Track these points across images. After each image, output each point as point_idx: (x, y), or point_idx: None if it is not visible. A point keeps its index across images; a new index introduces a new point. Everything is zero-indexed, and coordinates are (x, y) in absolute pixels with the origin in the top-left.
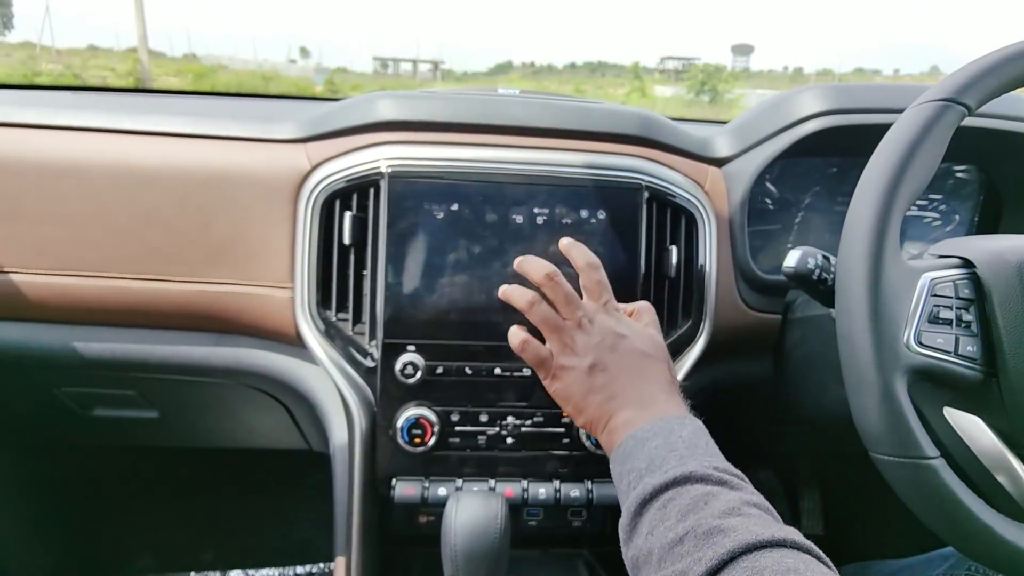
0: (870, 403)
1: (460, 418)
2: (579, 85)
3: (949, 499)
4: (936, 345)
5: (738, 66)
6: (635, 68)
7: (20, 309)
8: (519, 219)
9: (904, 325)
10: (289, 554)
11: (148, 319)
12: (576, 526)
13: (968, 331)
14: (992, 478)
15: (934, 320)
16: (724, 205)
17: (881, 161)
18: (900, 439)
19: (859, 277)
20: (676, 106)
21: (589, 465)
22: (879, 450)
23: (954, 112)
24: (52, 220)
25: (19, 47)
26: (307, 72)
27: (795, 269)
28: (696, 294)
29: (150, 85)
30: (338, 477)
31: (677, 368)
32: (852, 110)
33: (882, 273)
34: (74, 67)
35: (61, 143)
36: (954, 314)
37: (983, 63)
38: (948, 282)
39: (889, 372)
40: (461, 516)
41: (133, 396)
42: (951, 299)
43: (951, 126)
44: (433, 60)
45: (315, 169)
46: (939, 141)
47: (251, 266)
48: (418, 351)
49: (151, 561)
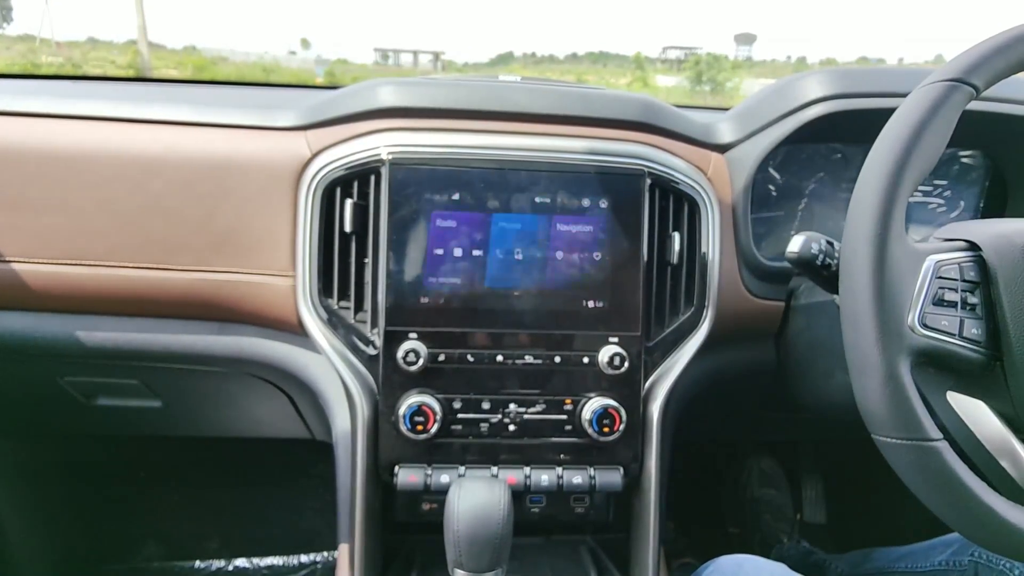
0: (873, 384)
1: (462, 405)
2: (581, 75)
3: (952, 481)
4: (941, 327)
5: (741, 55)
6: (637, 58)
7: (23, 298)
8: (521, 205)
9: (908, 307)
10: (293, 543)
11: (151, 308)
12: (579, 512)
13: (973, 314)
14: (996, 463)
15: (939, 302)
16: (727, 191)
17: (887, 141)
18: (903, 421)
19: (864, 258)
20: (678, 95)
21: (591, 452)
22: (882, 432)
23: (962, 92)
24: (56, 209)
25: (19, 40)
26: (307, 64)
27: (799, 254)
28: (699, 281)
29: (149, 75)
30: (341, 465)
31: (679, 357)
32: (856, 94)
33: (887, 254)
34: (74, 59)
35: (65, 132)
36: (959, 296)
37: (991, 44)
38: (953, 264)
39: (893, 353)
40: (464, 502)
41: (136, 385)
42: (956, 281)
43: (959, 106)
44: (434, 51)
45: (316, 156)
46: (947, 122)
47: (253, 254)
48: (420, 339)
49: (156, 550)
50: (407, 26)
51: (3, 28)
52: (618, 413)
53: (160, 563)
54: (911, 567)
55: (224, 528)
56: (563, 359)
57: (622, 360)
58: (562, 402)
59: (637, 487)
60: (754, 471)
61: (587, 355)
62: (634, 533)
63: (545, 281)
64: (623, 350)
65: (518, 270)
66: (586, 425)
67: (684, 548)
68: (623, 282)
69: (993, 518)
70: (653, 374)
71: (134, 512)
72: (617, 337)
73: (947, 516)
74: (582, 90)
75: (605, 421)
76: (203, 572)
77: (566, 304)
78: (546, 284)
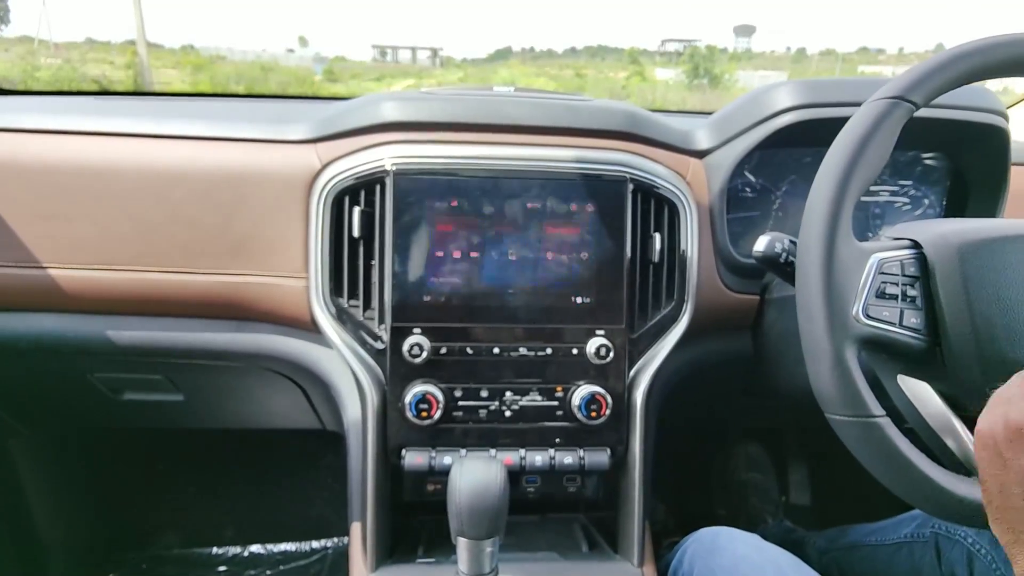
0: (823, 368)
1: (463, 394)
2: (579, 70)
3: (893, 453)
4: (882, 317)
5: (740, 47)
6: (631, 52)
7: (58, 301)
8: (514, 210)
9: (854, 299)
10: (305, 530)
11: (175, 308)
12: (571, 491)
13: (913, 305)
14: (940, 439)
15: (881, 295)
16: (705, 194)
17: (835, 154)
18: (849, 400)
19: (815, 256)
20: (678, 89)
21: (581, 435)
22: (832, 411)
23: (902, 109)
24: (87, 219)
25: (17, 42)
26: (306, 62)
27: (763, 253)
28: (679, 277)
29: (149, 77)
30: (352, 450)
31: (661, 347)
32: (821, 104)
33: (835, 253)
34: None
35: (95, 148)
36: (900, 290)
37: (929, 63)
38: (895, 261)
39: (840, 340)
40: (465, 479)
41: (160, 380)
42: (898, 276)
43: (899, 121)
44: (432, 47)
45: (325, 168)
46: (888, 135)
47: (268, 258)
48: (423, 333)
49: (175, 537)
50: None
51: (1, 30)
52: (605, 399)
53: (179, 550)
54: (881, 540)
55: (239, 516)
56: (554, 350)
57: (608, 351)
58: (554, 390)
59: (623, 467)
60: (741, 456)
61: (576, 346)
62: (622, 509)
63: (537, 279)
64: (609, 341)
65: (512, 270)
66: (576, 410)
67: (674, 528)
68: (608, 279)
69: (930, 485)
70: (637, 363)
71: (154, 502)
72: (603, 330)
73: (891, 485)
74: (570, 102)
75: (593, 406)
76: (220, 558)
77: (556, 300)
78: (538, 282)
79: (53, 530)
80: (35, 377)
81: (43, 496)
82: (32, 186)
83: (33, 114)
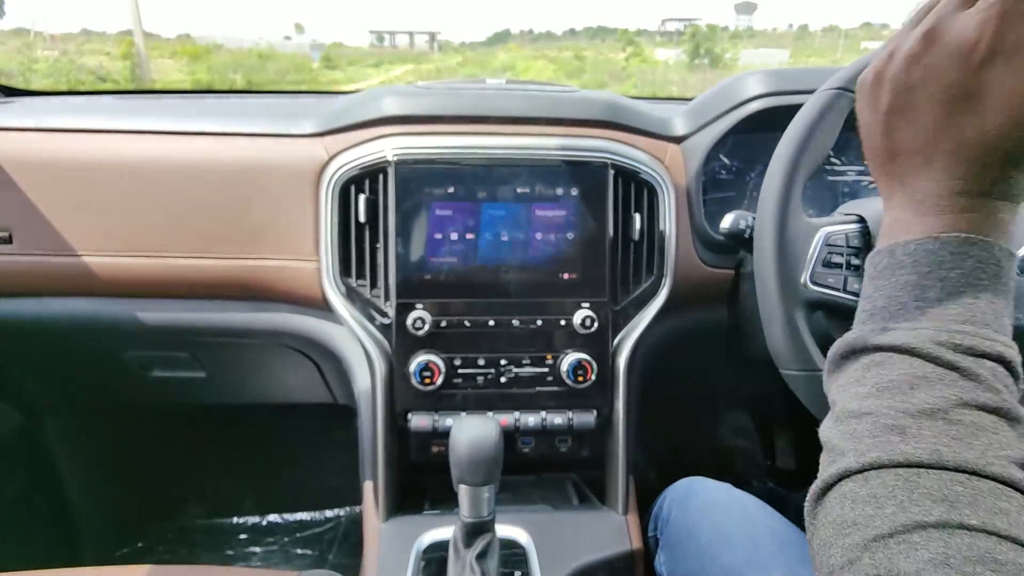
0: (777, 329)
1: (462, 363)
2: (579, 51)
3: None
4: (827, 283)
5: (741, 24)
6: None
7: (92, 286)
8: (506, 195)
9: (803, 268)
10: (319, 500)
11: (199, 291)
12: (563, 451)
13: (856, 273)
14: None
15: (827, 264)
16: (682, 177)
17: (786, 140)
18: (798, 355)
19: (768, 231)
20: (679, 69)
21: (569, 398)
22: (785, 366)
23: (845, 99)
24: (117, 210)
25: (13, 35)
26: (303, 48)
27: (729, 229)
28: (658, 254)
29: (147, 67)
30: (363, 416)
31: (642, 318)
32: (786, 92)
33: (786, 227)
34: (70, 52)
35: (124, 145)
36: (844, 259)
37: (869, 57)
38: (841, 234)
39: (790, 304)
40: (463, 433)
41: (186, 358)
42: (843, 248)
43: (843, 110)
44: (430, 31)
45: (332, 159)
46: (834, 122)
47: (283, 243)
48: (425, 308)
49: (198, 509)
50: (402, 7)
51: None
52: (590, 365)
53: (202, 520)
54: None
55: (258, 488)
56: (544, 322)
57: (592, 321)
58: (544, 357)
59: (608, 426)
60: (727, 422)
61: (563, 318)
62: (608, 466)
63: (527, 258)
64: (593, 313)
65: (505, 249)
66: (564, 376)
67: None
68: (592, 256)
69: None
70: (620, 333)
71: (178, 476)
72: (588, 303)
73: None
74: (555, 94)
75: (579, 372)
76: (240, 527)
77: (545, 276)
78: (528, 260)
79: (85, 503)
80: (74, 357)
81: (76, 471)
82: (69, 181)
83: (66, 115)
